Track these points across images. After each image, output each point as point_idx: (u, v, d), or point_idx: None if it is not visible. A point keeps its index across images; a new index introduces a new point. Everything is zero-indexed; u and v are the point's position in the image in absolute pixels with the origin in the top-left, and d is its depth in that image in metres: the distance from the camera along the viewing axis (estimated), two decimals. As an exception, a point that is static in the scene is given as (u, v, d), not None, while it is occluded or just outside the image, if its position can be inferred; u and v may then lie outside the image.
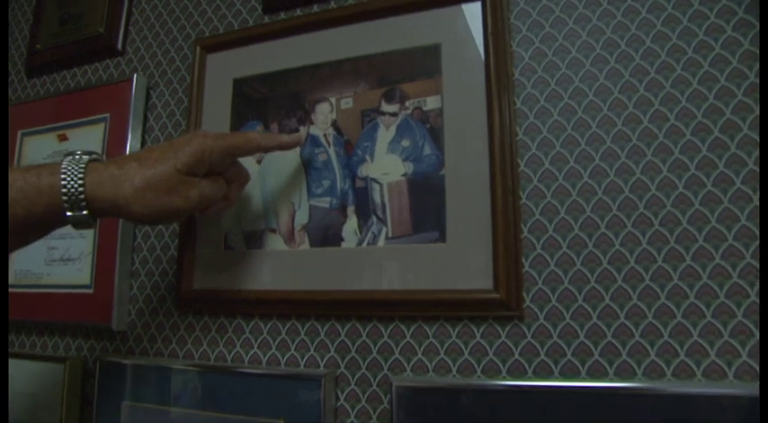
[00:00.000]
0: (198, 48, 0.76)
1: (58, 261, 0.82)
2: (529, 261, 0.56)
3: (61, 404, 0.74)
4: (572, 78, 0.58)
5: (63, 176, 0.47)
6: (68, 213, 0.48)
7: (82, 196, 0.47)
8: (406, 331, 0.60)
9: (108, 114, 0.82)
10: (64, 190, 0.47)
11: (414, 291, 0.59)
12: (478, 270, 0.56)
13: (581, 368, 0.53)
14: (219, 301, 0.69)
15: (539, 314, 0.55)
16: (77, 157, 0.50)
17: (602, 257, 0.54)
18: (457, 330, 0.58)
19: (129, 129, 0.79)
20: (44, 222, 0.50)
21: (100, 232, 0.79)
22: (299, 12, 0.73)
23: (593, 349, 0.52)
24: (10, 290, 0.85)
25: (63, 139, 0.86)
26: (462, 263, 0.57)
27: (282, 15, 0.74)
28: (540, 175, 0.57)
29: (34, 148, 0.89)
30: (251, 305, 0.67)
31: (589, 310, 0.53)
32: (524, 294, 0.56)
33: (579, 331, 0.53)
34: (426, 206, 0.60)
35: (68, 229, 0.51)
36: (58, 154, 0.86)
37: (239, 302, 0.67)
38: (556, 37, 0.59)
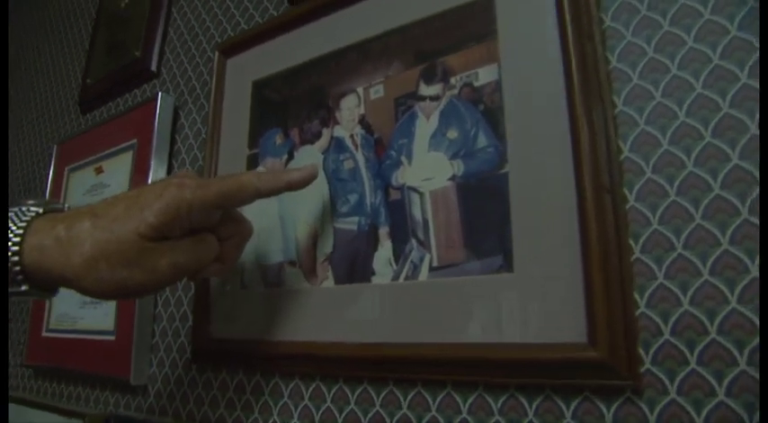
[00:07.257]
0: (217, 53, 0.65)
1: (89, 304, 0.74)
2: (646, 297, 0.36)
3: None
4: (699, 11, 0.37)
5: None
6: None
7: (18, 268, 0.34)
8: (461, 403, 0.41)
9: (135, 140, 0.74)
10: None
11: (470, 345, 0.40)
12: (564, 313, 0.37)
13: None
14: (236, 353, 0.55)
15: (668, 384, 0.34)
16: (23, 209, 0.37)
17: (776, 289, 0.32)
18: (535, 406, 0.38)
19: (153, 153, 0.70)
20: None
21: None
22: (325, -7, 0.59)
23: (776, 449, 0.30)
24: (50, 334, 0.79)
25: (99, 171, 0.80)
26: (539, 302, 0.38)
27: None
28: (657, 163, 0.37)
29: (75, 183, 0.84)
30: (270, 360, 0.52)
31: (755, 375, 0.31)
32: (641, 351, 0.35)
33: (742, 414, 0.31)
34: (484, 220, 0.42)
35: None
36: (96, 188, 0.80)
37: (257, 357, 0.53)
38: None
